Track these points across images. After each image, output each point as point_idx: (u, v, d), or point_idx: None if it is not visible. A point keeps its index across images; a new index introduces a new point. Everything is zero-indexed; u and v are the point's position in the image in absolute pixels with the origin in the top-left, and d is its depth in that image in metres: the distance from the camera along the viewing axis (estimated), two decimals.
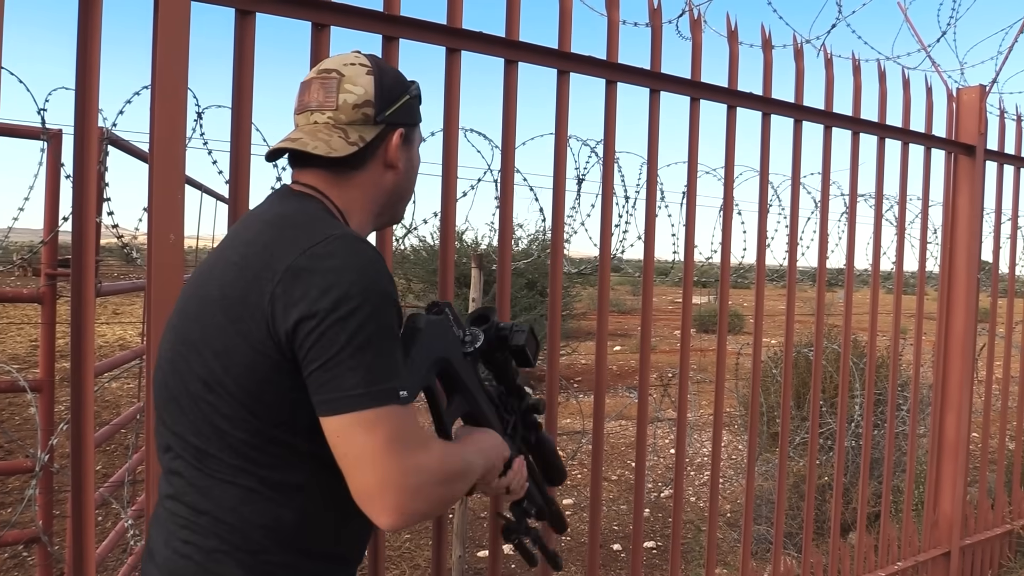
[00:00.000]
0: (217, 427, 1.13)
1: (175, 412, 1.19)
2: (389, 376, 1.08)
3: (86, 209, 1.68)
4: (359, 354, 1.06)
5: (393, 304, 1.12)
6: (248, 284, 1.11)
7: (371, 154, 1.30)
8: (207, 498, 1.15)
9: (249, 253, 1.14)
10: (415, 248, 12.21)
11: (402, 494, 1.06)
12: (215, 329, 1.13)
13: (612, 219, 2.43)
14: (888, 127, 3.26)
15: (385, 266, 1.14)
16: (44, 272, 2.79)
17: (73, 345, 1.69)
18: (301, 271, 1.07)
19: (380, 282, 1.10)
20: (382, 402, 1.06)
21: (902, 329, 3.53)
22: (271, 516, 1.14)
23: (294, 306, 1.06)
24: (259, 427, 1.12)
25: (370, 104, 1.27)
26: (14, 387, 2.69)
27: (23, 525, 3.70)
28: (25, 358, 11.47)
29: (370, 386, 1.06)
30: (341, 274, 1.07)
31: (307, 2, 1.84)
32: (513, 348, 1.44)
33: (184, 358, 1.17)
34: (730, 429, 8.01)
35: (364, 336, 1.06)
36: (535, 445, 1.57)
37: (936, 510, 3.73)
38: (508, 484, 1.42)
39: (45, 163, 2.70)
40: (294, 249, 1.10)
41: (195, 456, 1.16)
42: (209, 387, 1.13)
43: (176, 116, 1.67)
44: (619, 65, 2.35)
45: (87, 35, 1.64)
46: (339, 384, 1.06)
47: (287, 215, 1.20)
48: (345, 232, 1.14)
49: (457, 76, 2.07)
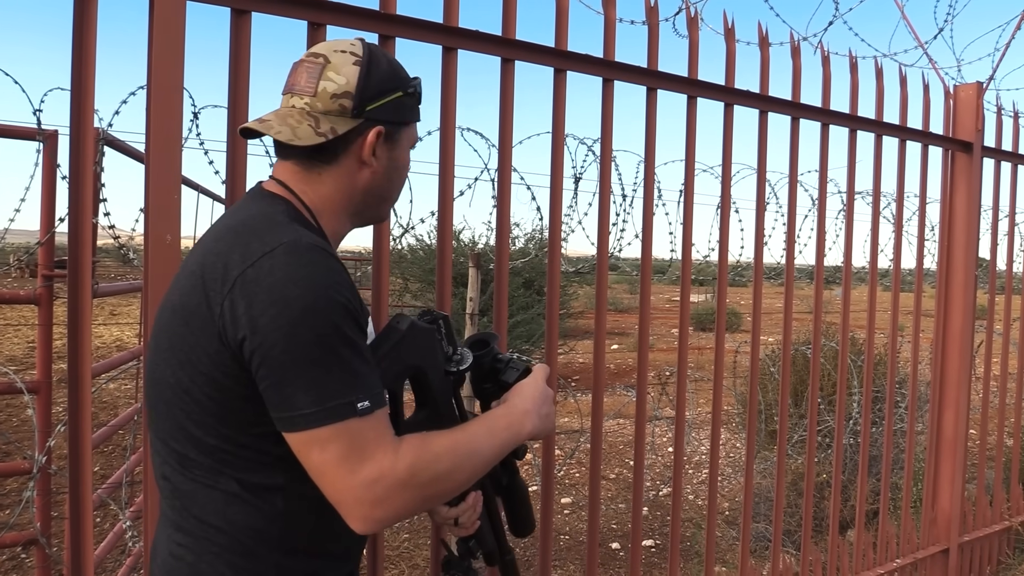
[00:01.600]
0: (191, 433, 1.13)
1: (157, 418, 1.19)
2: (343, 390, 1.04)
3: (82, 210, 1.68)
4: (308, 371, 1.03)
5: (345, 312, 1.06)
6: (202, 294, 1.09)
7: (344, 149, 1.24)
8: (194, 502, 1.15)
9: (206, 262, 1.11)
10: (412, 247, 12.20)
11: (362, 506, 1.05)
12: (178, 338, 1.12)
13: (610, 218, 2.43)
14: (885, 124, 3.26)
15: (339, 273, 1.10)
16: (41, 273, 2.78)
17: (70, 346, 1.69)
18: (247, 283, 1.05)
19: (328, 292, 1.05)
20: (336, 418, 1.03)
21: (900, 326, 3.53)
22: (256, 518, 1.14)
23: (239, 321, 1.04)
24: (228, 433, 1.11)
25: (349, 96, 1.21)
26: (12, 389, 2.68)
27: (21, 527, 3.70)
28: (22, 359, 11.45)
29: (323, 403, 1.03)
30: (285, 288, 1.03)
31: (303, 1, 1.83)
32: (501, 384, 1.36)
33: (158, 366, 1.16)
34: (728, 427, 8.02)
35: (312, 352, 1.03)
36: (506, 488, 1.47)
37: (935, 507, 3.73)
38: (457, 515, 1.36)
39: (41, 164, 2.70)
40: (244, 260, 1.07)
41: (179, 461, 1.16)
42: (179, 395, 1.12)
43: (172, 116, 1.66)
44: (616, 63, 2.34)
45: (82, 35, 1.63)
46: (291, 403, 1.04)
47: (247, 220, 1.16)
48: (297, 239, 1.09)
49: (454, 75, 2.07)
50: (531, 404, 1.30)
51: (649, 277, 2.52)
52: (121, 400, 8.85)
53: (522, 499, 1.49)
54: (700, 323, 17.48)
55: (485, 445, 1.20)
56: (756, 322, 2.88)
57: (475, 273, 3.59)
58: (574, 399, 7.92)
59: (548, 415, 1.34)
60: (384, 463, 1.05)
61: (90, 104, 1.66)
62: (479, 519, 1.42)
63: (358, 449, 1.04)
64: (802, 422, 5.52)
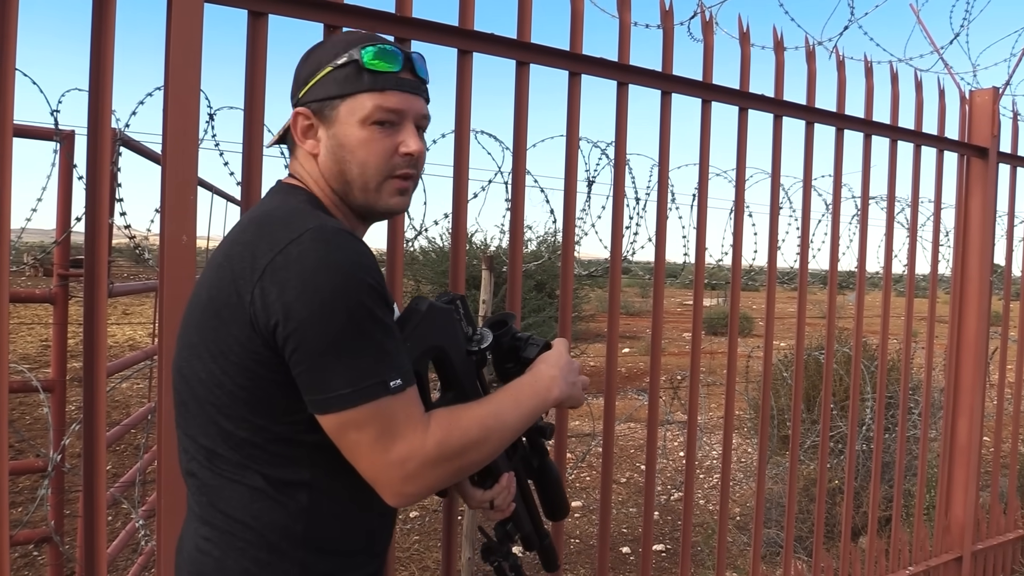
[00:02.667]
0: (222, 427, 1.14)
1: (186, 415, 1.20)
2: (377, 369, 1.07)
3: (99, 210, 1.69)
4: (342, 353, 1.05)
5: (375, 293, 1.08)
6: (232, 285, 1.10)
7: (291, 142, 1.30)
8: (220, 498, 1.16)
9: (232, 254, 1.13)
10: (424, 249, 12.23)
11: (395, 484, 1.09)
12: (210, 331, 1.13)
13: (623, 221, 2.42)
14: (900, 129, 3.25)
15: (366, 255, 1.11)
16: (56, 272, 2.80)
17: (86, 345, 1.70)
18: (277, 271, 1.06)
19: (357, 274, 1.07)
20: (370, 397, 1.06)
21: (914, 332, 3.51)
22: (281, 514, 1.14)
23: (272, 308, 1.05)
24: (262, 424, 1.12)
25: (294, 93, 1.28)
26: (27, 387, 2.70)
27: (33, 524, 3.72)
28: (35, 358, 11.54)
29: (357, 384, 1.06)
30: (316, 273, 1.05)
31: (319, 4, 1.84)
32: (523, 361, 1.38)
33: (188, 362, 1.17)
34: (739, 432, 7.99)
35: (345, 334, 1.05)
36: (538, 471, 1.48)
37: (948, 514, 3.70)
38: (492, 498, 1.37)
39: (58, 164, 2.72)
40: (272, 248, 1.08)
41: (206, 457, 1.17)
42: (211, 389, 1.13)
43: (189, 118, 1.67)
44: (631, 67, 2.34)
45: (101, 37, 1.64)
46: (326, 385, 1.06)
47: (270, 211, 1.18)
48: (322, 224, 1.10)
49: (469, 78, 2.07)
50: (557, 370, 1.32)
51: (662, 281, 2.51)
52: (133, 399, 8.91)
53: (554, 481, 1.50)
54: (712, 327, 17.42)
55: (512, 413, 1.23)
56: (769, 327, 2.87)
57: (488, 275, 3.59)
58: (587, 403, 7.91)
59: (575, 383, 1.37)
60: (415, 441, 1.09)
61: (108, 105, 1.67)
62: (514, 502, 1.43)
63: (390, 428, 1.08)
64: (814, 427, 5.49)
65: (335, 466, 1.14)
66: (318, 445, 1.13)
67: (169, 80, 1.66)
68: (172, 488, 1.68)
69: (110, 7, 1.64)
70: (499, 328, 1.39)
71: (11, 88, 1.58)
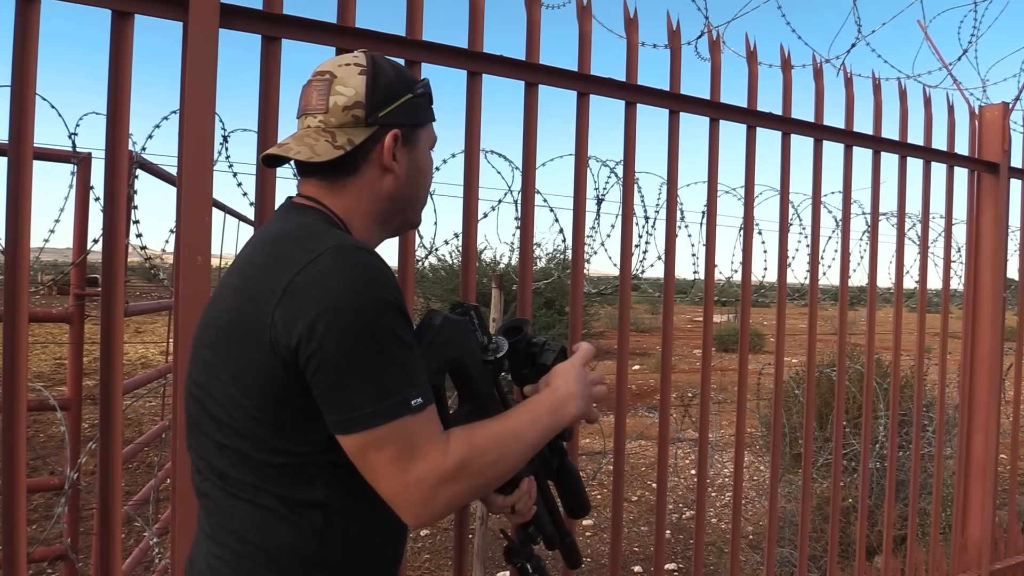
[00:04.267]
0: (238, 449, 1.14)
1: (198, 435, 1.20)
2: (398, 388, 1.07)
3: (116, 231, 1.72)
4: (363, 372, 1.05)
5: (395, 310, 1.09)
6: (250, 307, 1.10)
7: (363, 158, 1.25)
8: (232, 518, 1.16)
9: (249, 276, 1.14)
10: (433, 267, 12.27)
11: (415, 504, 1.09)
12: (227, 353, 1.13)
13: (632, 239, 2.44)
14: (910, 146, 3.25)
15: (385, 273, 1.11)
16: (73, 292, 2.83)
17: (102, 364, 1.72)
18: (297, 291, 1.06)
19: (377, 291, 1.07)
20: (392, 417, 1.06)
21: (926, 348, 3.49)
22: (294, 534, 1.15)
23: (293, 327, 1.05)
24: (279, 446, 1.12)
25: (360, 105, 1.23)
26: (43, 405, 2.73)
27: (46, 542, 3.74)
28: (49, 376, 11.61)
29: (379, 403, 1.06)
30: (337, 292, 1.05)
31: (331, 28, 1.88)
32: (539, 367, 1.38)
33: (202, 385, 1.18)
34: (751, 449, 7.94)
35: (367, 353, 1.05)
36: (558, 471, 1.50)
37: (964, 534, 3.67)
38: (513, 503, 1.38)
39: (75, 185, 2.76)
40: (291, 268, 1.09)
41: (219, 477, 1.17)
42: (228, 410, 1.14)
43: (204, 141, 1.70)
44: (638, 87, 2.37)
45: (118, 63, 1.68)
46: (348, 404, 1.06)
47: (286, 231, 1.18)
48: (341, 243, 1.11)
49: (478, 99, 2.10)
50: (575, 386, 1.33)
51: (672, 298, 2.52)
52: (146, 417, 8.94)
53: (575, 480, 1.52)
54: (722, 344, 17.36)
55: (530, 431, 1.23)
56: (780, 343, 2.87)
57: (498, 294, 3.61)
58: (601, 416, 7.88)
59: (591, 398, 1.37)
60: (435, 461, 1.09)
61: (125, 129, 1.71)
62: (535, 504, 1.44)
63: (410, 448, 1.08)
64: (827, 445, 5.46)
65: (349, 486, 1.14)
66: (334, 465, 1.13)
67: (185, 104, 1.69)
68: (186, 505, 1.69)
69: (127, 33, 1.68)
70: (514, 334, 1.40)
71: (31, 113, 1.62)
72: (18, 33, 1.60)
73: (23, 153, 1.61)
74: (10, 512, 1.63)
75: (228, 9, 1.74)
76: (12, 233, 1.61)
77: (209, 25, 1.70)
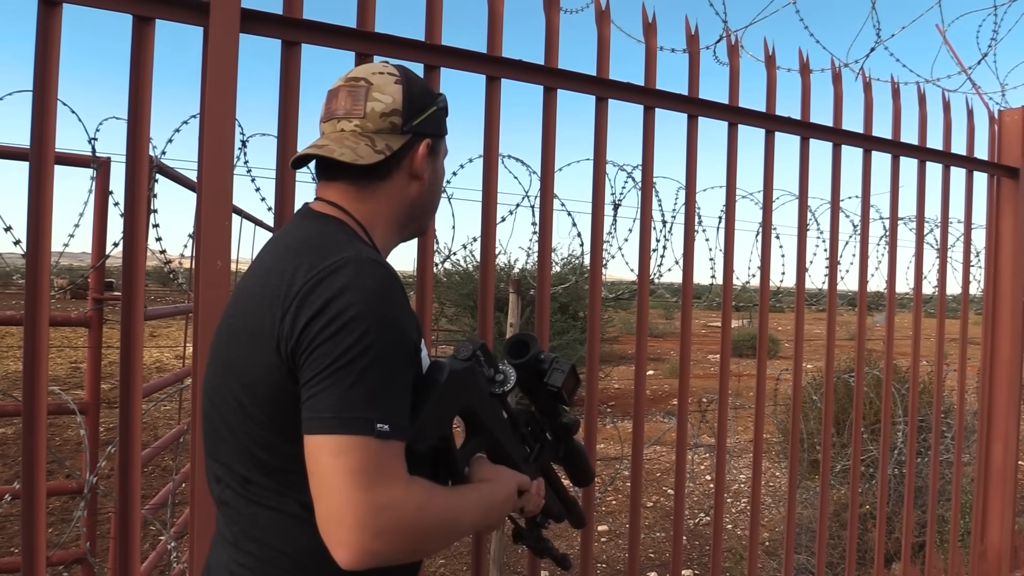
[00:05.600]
0: (255, 455, 1.14)
1: (218, 442, 1.20)
2: (368, 405, 1.03)
3: (136, 236, 1.72)
4: (339, 376, 1.03)
5: (396, 331, 1.07)
6: (267, 312, 1.10)
7: (396, 164, 1.28)
8: (254, 525, 1.16)
9: (268, 282, 1.13)
10: (448, 272, 12.28)
11: (362, 531, 1.00)
12: (241, 360, 1.14)
13: (650, 244, 2.43)
14: (929, 150, 3.23)
15: (398, 292, 1.11)
16: (92, 297, 2.85)
17: (122, 368, 1.72)
18: (308, 297, 1.07)
19: (383, 307, 1.07)
20: (351, 431, 1.01)
21: (945, 354, 3.46)
22: (318, 540, 1.14)
23: (295, 332, 1.06)
24: (294, 452, 1.10)
25: (397, 113, 1.26)
26: (63, 409, 2.74)
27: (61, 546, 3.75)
28: (64, 380, 11.69)
29: (341, 412, 1.02)
30: (343, 294, 1.05)
31: (351, 33, 1.88)
32: (548, 388, 1.38)
33: (219, 390, 1.18)
34: (767, 455, 7.90)
35: (349, 358, 1.03)
36: (564, 457, 1.50)
37: (983, 541, 3.63)
38: (523, 505, 1.37)
39: (94, 190, 2.78)
40: (308, 274, 1.09)
41: (240, 484, 1.17)
42: (243, 417, 1.14)
43: (224, 146, 1.71)
44: (657, 91, 2.36)
45: (140, 67, 1.68)
46: (316, 404, 1.04)
47: (306, 239, 1.18)
48: (359, 254, 1.12)
49: (497, 104, 2.10)
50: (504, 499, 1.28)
51: (690, 303, 2.51)
52: (161, 421, 8.99)
53: (580, 458, 1.53)
54: (737, 349, 17.28)
55: (468, 518, 1.19)
56: (798, 349, 2.85)
57: (516, 299, 3.60)
58: (614, 425, 7.87)
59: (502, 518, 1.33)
60: (396, 495, 1.03)
61: (146, 134, 1.71)
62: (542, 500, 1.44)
63: (374, 468, 1.02)
64: (844, 451, 5.42)
65: None
66: None
67: (205, 108, 1.70)
68: (205, 509, 1.69)
69: (149, 38, 1.69)
70: (522, 354, 1.39)
71: (53, 118, 1.63)
72: (40, 38, 1.60)
73: (44, 158, 1.62)
74: (30, 516, 1.63)
75: (248, 14, 1.74)
76: (33, 237, 1.62)
77: (230, 30, 1.71)
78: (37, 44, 1.60)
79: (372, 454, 1.02)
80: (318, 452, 1.03)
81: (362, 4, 1.91)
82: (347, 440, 1.01)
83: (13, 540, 5.23)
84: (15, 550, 5.09)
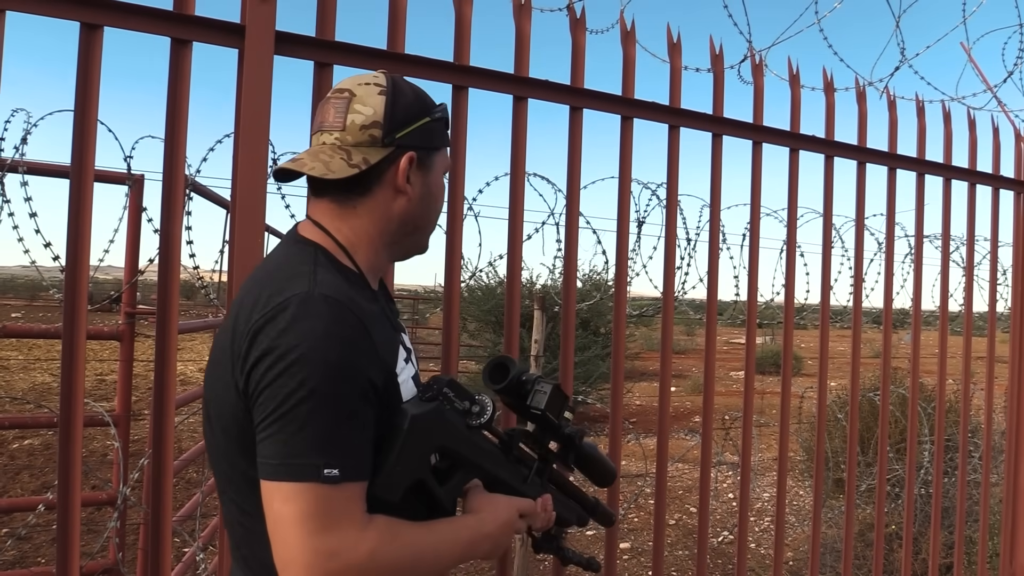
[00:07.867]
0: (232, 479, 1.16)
1: (219, 475, 1.22)
2: (314, 451, 1.02)
3: (172, 253, 1.76)
4: (285, 422, 1.02)
5: (344, 371, 1.05)
6: (227, 349, 1.12)
7: (377, 179, 1.22)
8: (262, 547, 1.13)
9: (235, 314, 1.15)
10: (470, 288, 12.32)
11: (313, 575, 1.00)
12: (213, 392, 1.16)
13: (675, 261, 2.44)
14: (954, 168, 3.21)
15: (348, 328, 1.08)
16: (124, 311, 2.90)
17: (156, 381, 1.76)
18: (258, 334, 1.06)
19: (327, 348, 1.04)
20: (297, 478, 1.01)
21: (972, 372, 3.43)
22: None
23: (244, 367, 1.07)
24: None
25: (378, 125, 1.20)
26: (95, 421, 2.79)
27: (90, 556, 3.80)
28: (91, 392, 11.82)
29: (286, 459, 1.02)
30: (285, 335, 1.04)
31: (381, 54, 1.92)
32: (531, 411, 1.32)
33: (207, 417, 1.20)
34: (791, 474, 7.83)
35: (294, 403, 1.02)
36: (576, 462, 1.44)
37: (1012, 562, 3.58)
38: (530, 524, 1.34)
39: (128, 206, 2.84)
40: (262, 311, 1.08)
41: (229, 500, 1.19)
42: (223, 448, 1.16)
43: (258, 165, 1.75)
44: (682, 111, 2.38)
45: (177, 89, 1.73)
46: (264, 449, 1.04)
47: (271, 270, 1.18)
48: (310, 291, 1.08)
49: (524, 123, 2.13)
50: (495, 528, 1.25)
51: (715, 320, 2.51)
52: (184, 434, 9.05)
53: (594, 461, 1.46)
54: (759, 366, 17.11)
55: (446, 552, 1.17)
56: (823, 367, 2.84)
57: (540, 315, 3.62)
58: (637, 442, 7.83)
59: (504, 545, 1.30)
60: (347, 539, 1.02)
61: (182, 153, 1.75)
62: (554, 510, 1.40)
63: (322, 515, 1.01)
64: (868, 470, 5.36)
65: None
66: None
67: (240, 129, 1.74)
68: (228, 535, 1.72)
69: (186, 60, 1.73)
70: (502, 378, 1.33)
71: (93, 137, 1.67)
72: (81, 60, 1.65)
73: (84, 176, 1.66)
74: (65, 526, 1.66)
75: (283, 36, 1.79)
76: (72, 254, 1.66)
77: (265, 52, 1.75)
78: (79, 65, 1.65)
79: (320, 500, 1.01)
80: (270, 498, 1.04)
81: (392, 26, 1.95)
82: (294, 487, 1.01)
83: (40, 550, 5.29)
84: (41, 559, 5.15)
